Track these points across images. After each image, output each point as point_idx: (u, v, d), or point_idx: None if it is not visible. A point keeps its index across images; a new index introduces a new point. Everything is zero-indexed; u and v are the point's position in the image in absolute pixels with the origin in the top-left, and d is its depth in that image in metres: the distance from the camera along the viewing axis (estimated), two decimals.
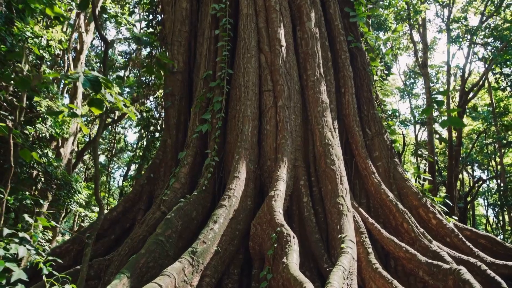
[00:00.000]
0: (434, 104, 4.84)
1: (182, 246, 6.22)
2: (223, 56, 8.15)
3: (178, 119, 8.97)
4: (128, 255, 6.56)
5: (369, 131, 7.83)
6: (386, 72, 9.67)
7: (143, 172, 9.35)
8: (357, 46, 9.03)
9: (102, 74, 3.88)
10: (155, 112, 10.07)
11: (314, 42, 7.92)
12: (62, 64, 18.85)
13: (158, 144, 9.73)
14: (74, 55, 19.51)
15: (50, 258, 4.90)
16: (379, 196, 6.99)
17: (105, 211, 9.11)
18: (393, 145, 7.90)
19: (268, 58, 7.88)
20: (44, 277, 4.27)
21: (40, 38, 13.39)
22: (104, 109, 3.29)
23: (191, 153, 7.76)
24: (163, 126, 9.56)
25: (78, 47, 18.90)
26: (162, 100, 9.91)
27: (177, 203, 6.72)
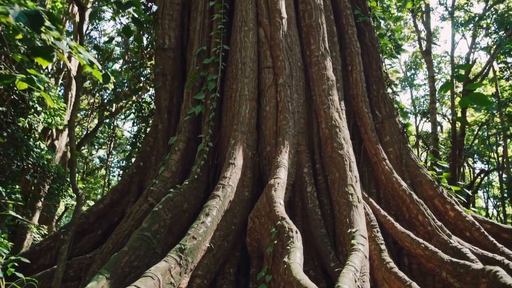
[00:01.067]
0: (445, 85, 4.11)
1: (172, 243, 5.57)
2: (218, 30, 7.40)
3: (170, 102, 8.25)
4: (112, 252, 5.93)
5: (379, 114, 7.12)
6: (397, 49, 8.91)
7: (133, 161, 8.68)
8: (365, 21, 8.26)
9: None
10: (147, 95, 9.34)
11: (318, 13, 7.16)
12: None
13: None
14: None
15: (13, 257, 4.26)
16: (390, 185, 6.31)
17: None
18: (405, 129, 7.20)
19: (268, 31, 7.13)
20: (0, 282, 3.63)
21: None
22: (54, 59, 2.60)
23: (183, 138, 7.07)
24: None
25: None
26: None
27: (166, 194, 6.06)
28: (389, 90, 7.52)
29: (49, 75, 18.38)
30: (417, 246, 4.94)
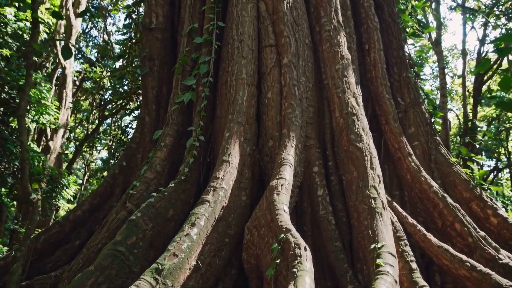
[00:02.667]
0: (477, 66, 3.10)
1: (153, 259, 4.60)
2: (212, 4, 6.37)
3: (158, 90, 7.26)
4: (82, 270, 4.97)
5: (401, 101, 6.06)
6: (421, 27, 7.77)
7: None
8: None
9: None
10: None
11: None
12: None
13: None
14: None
15: None
16: (418, 186, 5.26)
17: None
18: (433, 119, 6.14)
19: (270, 4, 6.09)
20: None
21: (24, 22, 12.20)
22: None
23: (170, 132, 6.07)
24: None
25: (66, 32, 17.20)
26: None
27: (149, 198, 5.09)
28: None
29: (43, 73, 17.52)
30: (460, 265, 3.90)
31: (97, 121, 20.35)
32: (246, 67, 5.75)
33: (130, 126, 7.95)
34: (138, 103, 7.89)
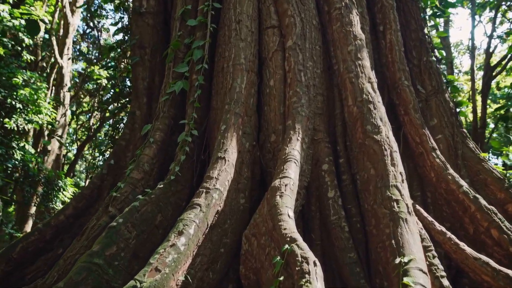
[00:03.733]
0: None
1: (138, 272, 4.02)
2: None
3: (150, 82, 6.62)
4: (58, 283, 4.37)
5: (421, 89, 5.35)
6: (443, 5, 6.99)
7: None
8: None
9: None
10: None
11: None
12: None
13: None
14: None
15: None
16: (444, 185, 4.56)
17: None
18: (458, 109, 5.45)
19: None
20: None
21: (18, 20, 11.81)
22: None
23: (161, 127, 5.44)
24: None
25: (63, 30, 16.67)
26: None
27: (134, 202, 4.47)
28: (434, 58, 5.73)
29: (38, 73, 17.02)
30: (507, 282, 3.21)
31: (98, 123, 19.83)
32: (245, 51, 5.09)
33: (122, 122, 7.31)
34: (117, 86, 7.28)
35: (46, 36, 16.29)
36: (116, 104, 7.34)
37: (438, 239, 3.84)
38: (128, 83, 8.31)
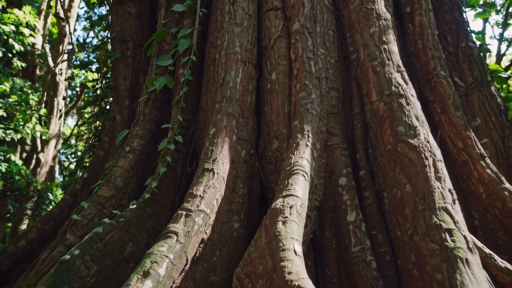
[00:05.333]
0: None
1: None
2: None
3: (133, 81, 5.74)
4: None
5: (460, 81, 4.38)
6: None
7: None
8: None
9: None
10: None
11: None
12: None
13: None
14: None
15: None
16: (499, 205, 3.54)
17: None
18: (507, 105, 4.46)
19: None
20: None
21: (8, 25, 11.28)
22: None
23: (140, 132, 4.54)
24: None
25: (57, 37, 16.06)
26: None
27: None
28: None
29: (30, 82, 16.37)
30: None
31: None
32: (241, 38, 4.19)
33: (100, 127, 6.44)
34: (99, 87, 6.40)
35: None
36: (97, 108, 6.47)
37: (502, 279, 2.85)
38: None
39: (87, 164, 5.94)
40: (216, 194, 3.36)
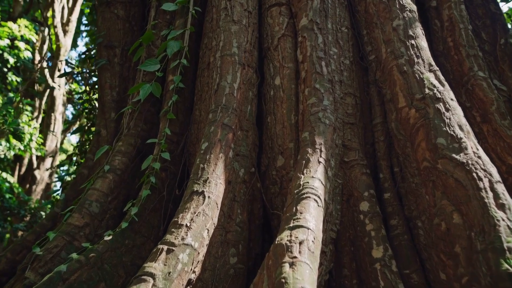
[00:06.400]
0: None
1: None
2: None
3: (120, 92, 5.17)
4: None
5: (500, 84, 3.74)
6: None
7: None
8: None
9: None
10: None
11: None
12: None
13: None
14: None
15: None
16: None
17: None
18: None
19: None
20: None
21: (3, 39, 11.01)
22: None
23: (123, 149, 3.94)
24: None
25: (54, 51, 15.72)
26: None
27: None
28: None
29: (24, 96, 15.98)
30: None
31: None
32: (239, 37, 3.61)
33: (87, 143, 5.86)
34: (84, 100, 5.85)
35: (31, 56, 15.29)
36: (84, 122, 5.92)
37: None
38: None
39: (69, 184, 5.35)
40: (207, 223, 2.73)
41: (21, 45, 12.69)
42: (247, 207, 3.26)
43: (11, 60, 12.75)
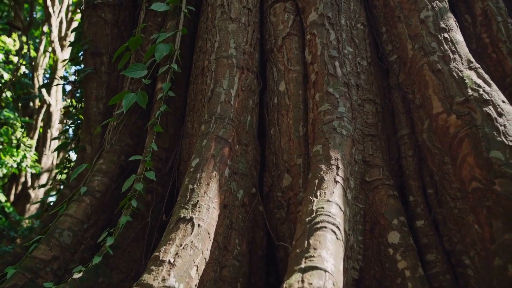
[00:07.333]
0: None
1: None
2: None
3: (107, 103, 4.70)
4: None
5: None
6: None
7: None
8: None
9: None
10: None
11: None
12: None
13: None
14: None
15: None
16: None
17: None
18: None
19: None
20: None
21: None
22: None
23: (104, 167, 3.41)
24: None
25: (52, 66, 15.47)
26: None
27: None
28: None
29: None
30: None
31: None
32: (237, 37, 3.12)
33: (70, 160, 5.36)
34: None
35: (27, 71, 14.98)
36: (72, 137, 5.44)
37: None
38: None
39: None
40: (196, 258, 2.19)
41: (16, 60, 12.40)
42: (247, 236, 2.73)
43: (6, 76, 12.42)
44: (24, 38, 12.54)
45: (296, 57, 3.09)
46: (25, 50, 13.14)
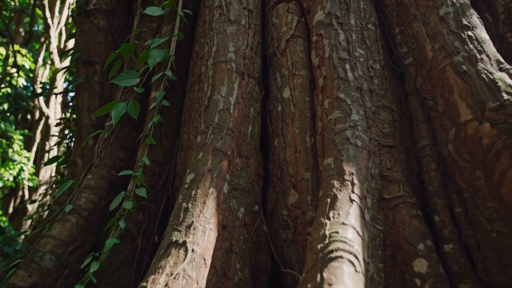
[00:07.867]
0: None
1: None
2: None
3: (100, 115, 4.43)
4: None
5: None
6: None
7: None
8: None
9: None
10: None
11: None
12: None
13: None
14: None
15: None
16: None
17: None
18: None
19: None
20: None
21: None
22: None
23: (92, 183, 3.12)
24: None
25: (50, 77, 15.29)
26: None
27: None
28: None
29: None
30: None
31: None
32: (236, 40, 2.85)
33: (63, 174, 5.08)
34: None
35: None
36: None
37: None
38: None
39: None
40: None
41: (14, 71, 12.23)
42: (250, 260, 2.43)
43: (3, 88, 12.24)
44: (12, 48, 12.32)
45: (302, 60, 2.81)
46: (11, 60, 12.94)
